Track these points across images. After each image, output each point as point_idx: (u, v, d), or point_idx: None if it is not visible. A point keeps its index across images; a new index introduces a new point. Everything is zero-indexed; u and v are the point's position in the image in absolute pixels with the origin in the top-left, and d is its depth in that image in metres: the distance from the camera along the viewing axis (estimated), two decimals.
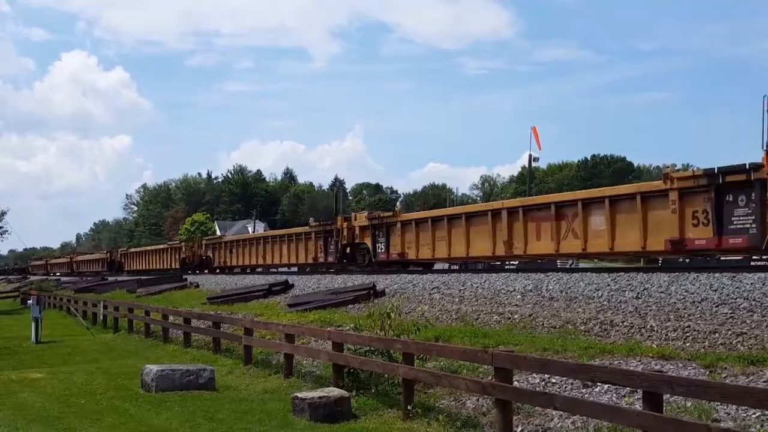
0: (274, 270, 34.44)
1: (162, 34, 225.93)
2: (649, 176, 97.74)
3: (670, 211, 14.87)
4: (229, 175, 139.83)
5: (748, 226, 13.59)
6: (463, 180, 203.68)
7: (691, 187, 14.58)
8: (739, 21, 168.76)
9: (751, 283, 11.89)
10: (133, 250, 59.94)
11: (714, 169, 14.16)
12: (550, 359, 9.35)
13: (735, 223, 13.84)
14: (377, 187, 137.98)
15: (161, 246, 52.79)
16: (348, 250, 27.12)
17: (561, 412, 8.41)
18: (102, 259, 62.17)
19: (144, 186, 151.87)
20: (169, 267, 46.92)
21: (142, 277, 42.77)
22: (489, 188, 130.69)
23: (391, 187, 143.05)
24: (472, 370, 10.67)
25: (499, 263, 24.07)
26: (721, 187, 13.97)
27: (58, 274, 73.57)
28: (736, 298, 11.44)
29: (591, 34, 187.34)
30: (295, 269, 35.62)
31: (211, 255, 40.91)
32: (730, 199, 13.91)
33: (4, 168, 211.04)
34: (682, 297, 12.24)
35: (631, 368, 8.81)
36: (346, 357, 11.52)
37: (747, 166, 13.58)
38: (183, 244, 46.04)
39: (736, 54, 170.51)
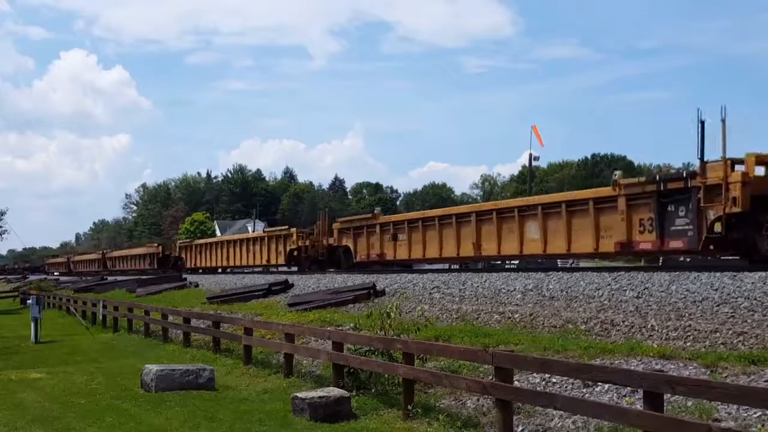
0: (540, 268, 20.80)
1: (161, 33, 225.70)
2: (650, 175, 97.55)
3: None
4: (229, 175, 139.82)
5: None
6: (463, 179, 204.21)
7: None
8: (741, 18, 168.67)
9: (752, 283, 11.88)
10: (201, 241, 45.64)
11: None
12: (551, 359, 9.33)
13: None
14: (377, 187, 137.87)
15: (253, 234, 39.18)
16: (732, 231, 14.25)
17: (562, 412, 8.40)
18: (151, 254, 49.61)
19: (143, 185, 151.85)
20: (267, 263, 34.49)
21: (142, 277, 42.73)
22: (489, 187, 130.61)
23: (391, 187, 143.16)
24: (472, 369, 10.66)
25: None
26: None
27: (70, 274, 66.57)
28: (737, 298, 11.43)
29: (591, 32, 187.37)
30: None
31: (351, 245, 27.07)
32: None
33: (3, 167, 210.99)
34: (682, 296, 12.23)
35: (632, 368, 8.79)
36: (346, 357, 11.51)
37: None
38: (294, 230, 32.34)
39: (738, 52, 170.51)
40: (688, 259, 22.30)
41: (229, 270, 39.84)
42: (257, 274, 34.30)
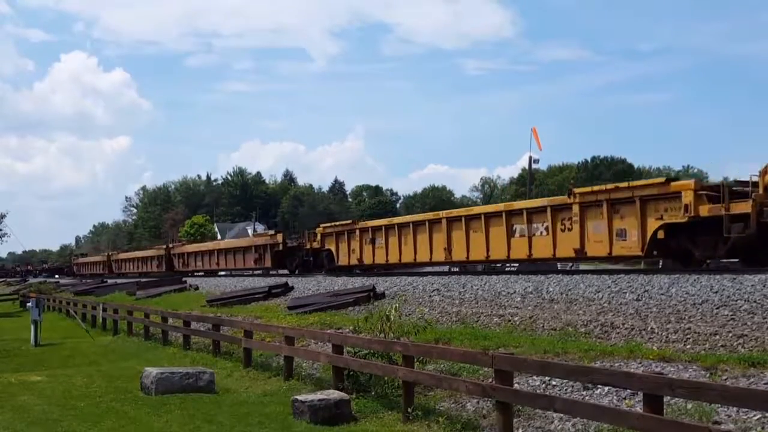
0: None
1: (161, 35, 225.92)
2: (650, 177, 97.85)
3: None
4: (229, 177, 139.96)
5: None
6: (463, 181, 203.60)
7: None
8: (740, 19, 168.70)
9: (752, 285, 11.90)
10: (381, 222, 27.66)
11: None
12: (551, 361, 9.34)
13: None
14: (377, 189, 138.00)
15: (532, 202, 21.11)
16: None
17: (561, 415, 8.39)
18: (260, 247, 34.62)
19: (143, 188, 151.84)
20: (577, 254, 18.71)
21: (141, 280, 42.71)
22: (489, 190, 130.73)
23: (391, 189, 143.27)
24: (472, 372, 10.65)
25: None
26: None
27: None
28: (736, 300, 11.45)
29: (591, 33, 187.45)
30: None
31: None
32: None
33: (3, 169, 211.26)
34: (682, 299, 12.24)
35: (632, 370, 8.79)
36: (346, 359, 11.51)
37: None
38: (691, 184, 16.25)
39: (737, 53, 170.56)
40: None
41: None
42: (257, 276, 34.29)
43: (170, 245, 49.59)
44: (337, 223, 30.77)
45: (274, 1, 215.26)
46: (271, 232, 36.46)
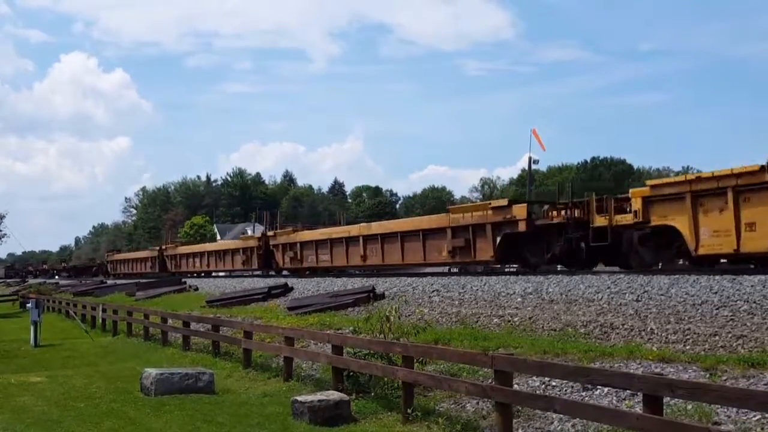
0: None
1: (160, 36, 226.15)
2: (649, 179, 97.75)
3: None
4: (228, 178, 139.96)
5: None
6: (463, 182, 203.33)
7: None
8: (740, 20, 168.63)
9: (752, 286, 11.90)
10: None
11: None
12: (550, 362, 9.34)
13: None
14: (377, 190, 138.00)
15: None
16: None
17: (561, 415, 8.39)
18: (464, 227, 21.79)
19: (143, 189, 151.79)
20: None
21: (141, 280, 42.67)
22: (489, 190, 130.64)
23: (391, 190, 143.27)
24: (472, 373, 10.65)
25: None
26: None
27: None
28: (736, 301, 11.45)
29: (591, 34, 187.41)
30: None
31: None
32: None
33: (3, 170, 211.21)
34: (682, 299, 12.24)
35: (631, 371, 8.80)
36: (346, 360, 11.52)
37: None
38: None
39: (737, 54, 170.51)
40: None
41: None
42: (257, 277, 34.26)
43: (268, 233, 33.72)
44: (705, 175, 15.90)
45: (273, 2, 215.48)
46: (501, 201, 21.94)
